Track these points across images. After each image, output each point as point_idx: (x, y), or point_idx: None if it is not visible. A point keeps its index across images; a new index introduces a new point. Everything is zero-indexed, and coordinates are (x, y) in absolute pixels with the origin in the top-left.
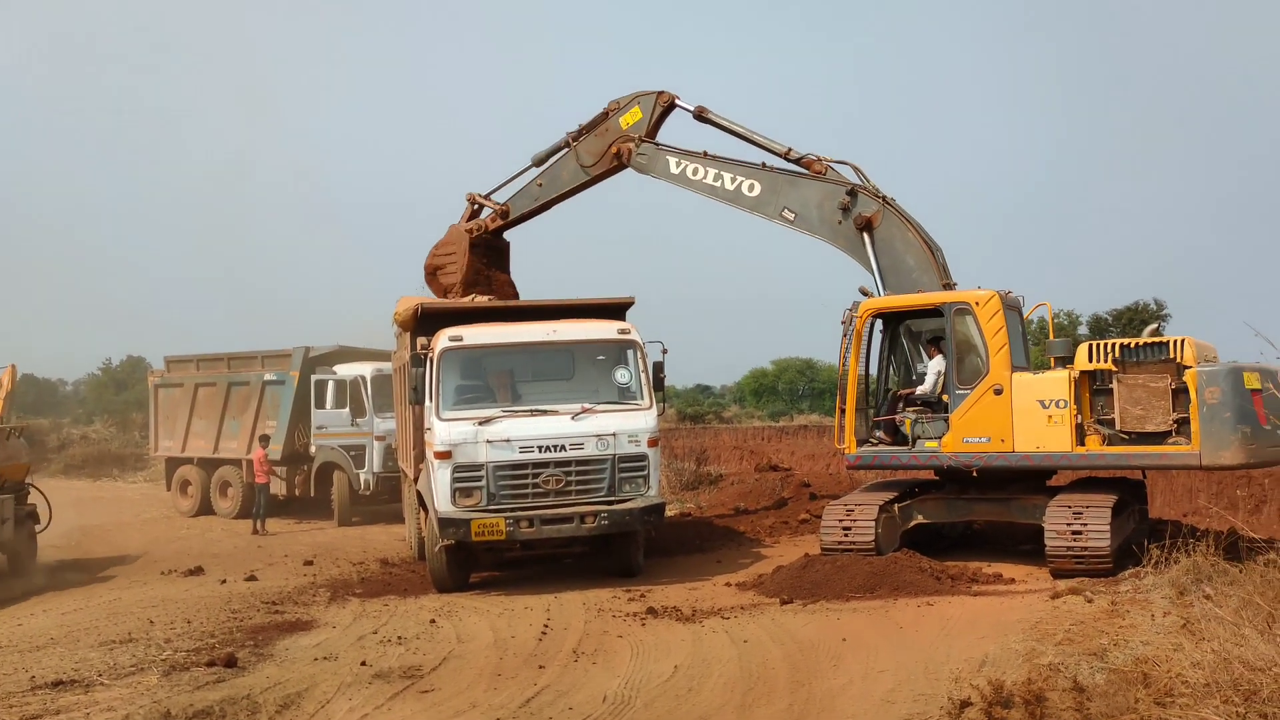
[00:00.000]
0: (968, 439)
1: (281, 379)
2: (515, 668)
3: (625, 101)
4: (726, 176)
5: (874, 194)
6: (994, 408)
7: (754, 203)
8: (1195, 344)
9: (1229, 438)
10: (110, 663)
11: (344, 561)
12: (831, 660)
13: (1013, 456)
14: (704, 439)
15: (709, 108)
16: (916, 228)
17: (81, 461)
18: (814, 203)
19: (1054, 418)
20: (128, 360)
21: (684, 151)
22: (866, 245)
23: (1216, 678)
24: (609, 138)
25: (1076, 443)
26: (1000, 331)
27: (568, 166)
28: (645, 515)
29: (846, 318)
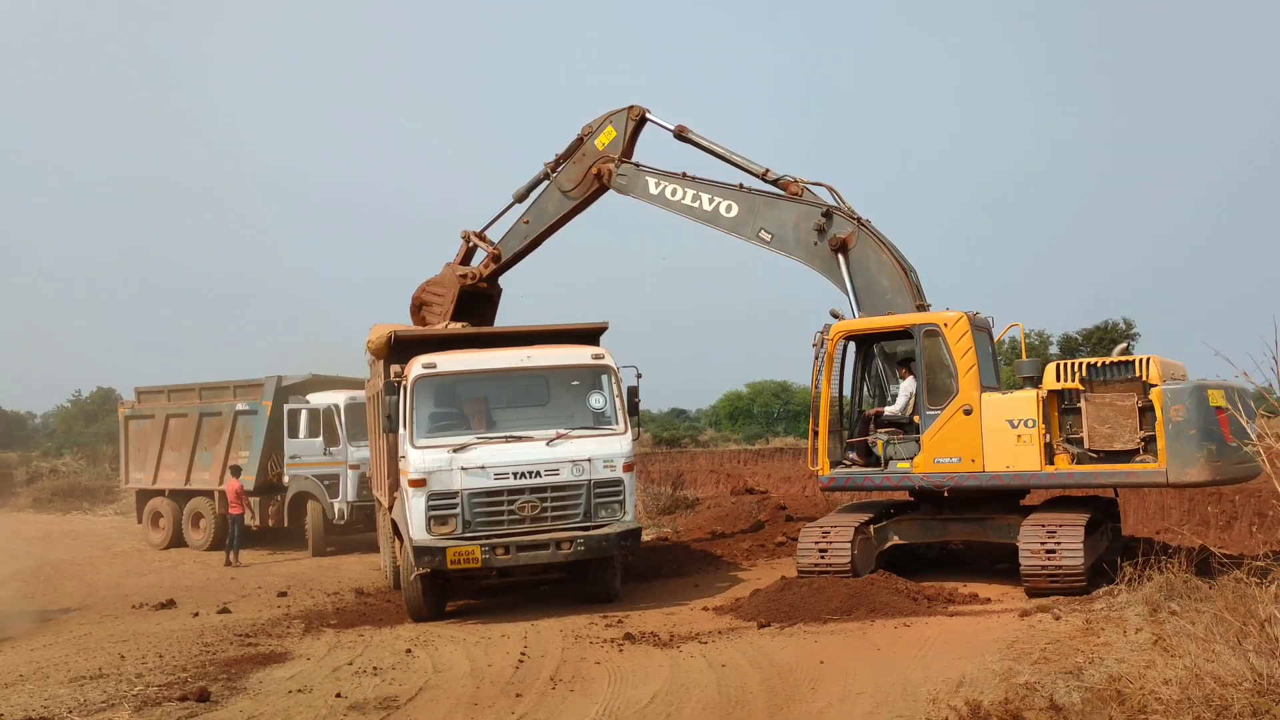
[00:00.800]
0: (939, 459)
1: (254, 409)
2: (492, 697)
3: (598, 122)
4: (705, 197)
5: (849, 215)
6: (964, 428)
7: (731, 224)
8: (1161, 362)
9: (1194, 455)
10: (81, 699)
11: (318, 592)
12: (810, 683)
13: (983, 476)
14: (680, 463)
15: (689, 127)
16: (891, 249)
17: (51, 495)
18: (790, 224)
19: (1023, 437)
20: (97, 392)
21: (662, 173)
22: (841, 266)
23: (1189, 694)
24: (587, 161)
25: (1045, 462)
26: (969, 352)
27: (551, 198)
28: (622, 540)
29: (818, 340)
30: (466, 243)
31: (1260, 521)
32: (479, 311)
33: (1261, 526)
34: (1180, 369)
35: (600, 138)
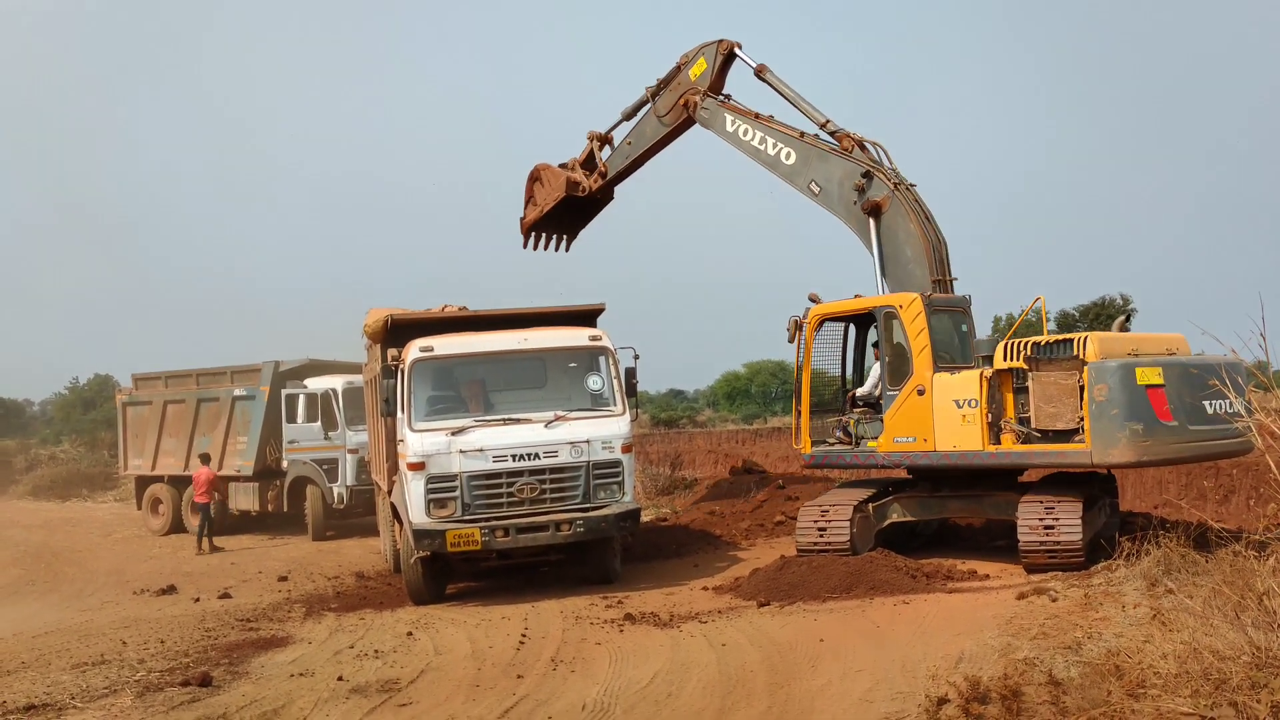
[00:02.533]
0: (898, 439)
1: (251, 394)
2: (494, 678)
3: (693, 53)
4: (770, 141)
5: (887, 179)
6: (918, 408)
7: (788, 171)
8: (1103, 339)
9: (1116, 435)
10: (83, 685)
11: (319, 576)
12: (809, 661)
13: (934, 456)
14: (678, 443)
15: (770, 67)
16: (922, 219)
17: (50, 482)
18: (836, 179)
19: (967, 417)
20: (95, 379)
21: (739, 111)
22: (871, 231)
23: (1187, 668)
24: (679, 90)
25: (990, 441)
26: (922, 333)
27: (649, 122)
28: (621, 521)
29: (791, 325)
30: (590, 144)
31: (1257, 495)
32: (585, 212)
33: (1259, 500)
34: (1176, 343)
35: (693, 68)
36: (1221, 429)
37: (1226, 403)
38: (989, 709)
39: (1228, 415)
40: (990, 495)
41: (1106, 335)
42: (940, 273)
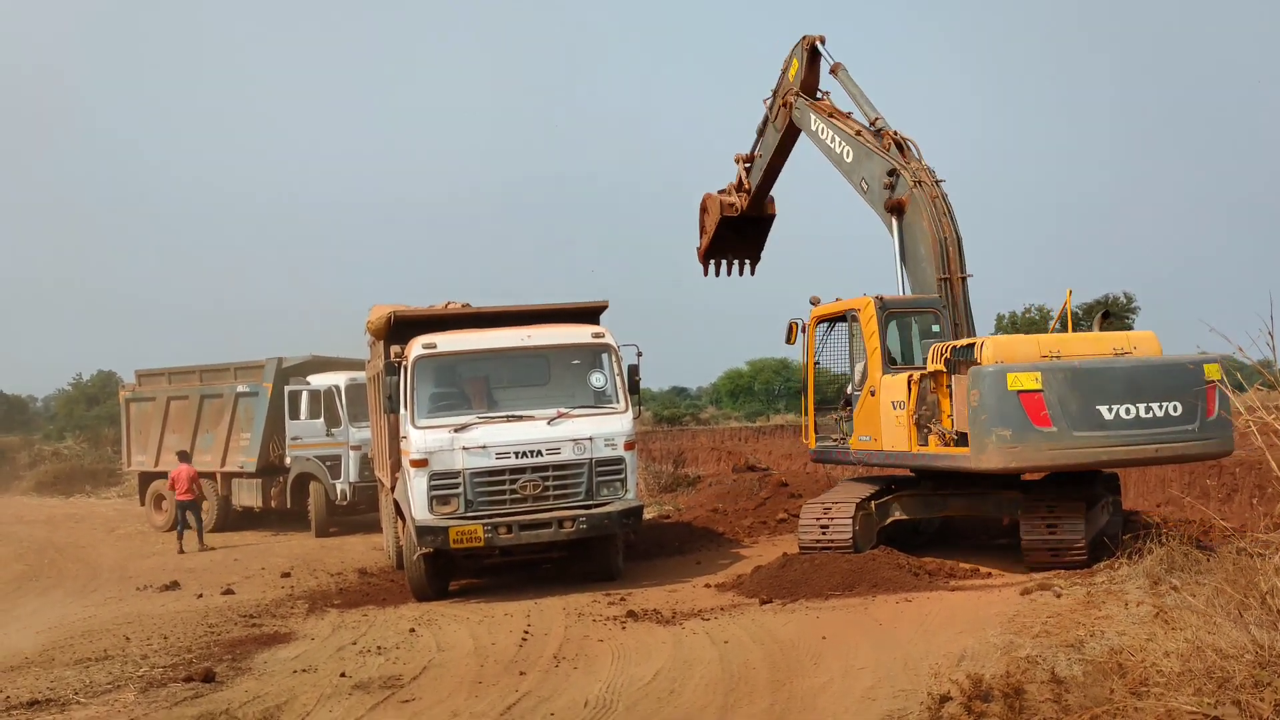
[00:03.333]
0: (860, 437)
1: (255, 390)
2: (496, 675)
3: (789, 55)
4: (838, 139)
5: (911, 176)
6: (871, 409)
7: (846, 169)
8: (999, 342)
9: (985, 440)
10: (86, 681)
11: (322, 572)
12: (812, 659)
13: (880, 455)
14: (681, 441)
15: (845, 66)
16: (937, 216)
17: (53, 479)
18: (875, 177)
19: (899, 418)
20: (98, 375)
21: (819, 108)
22: (894, 229)
23: (1190, 666)
24: (782, 93)
25: (919, 442)
26: (874, 336)
27: (769, 130)
28: (623, 519)
29: (789, 326)
30: (739, 166)
31: (1260, 494)
32: (756, 232)
33: (1262, 499)
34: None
35: (790, 70)
36: (1129, 434)
37: (1144, 407)
38: (991, 707)
39: (1145, 419)
40: (993, 494)
41: (1008, 339)
42: (948, 270)
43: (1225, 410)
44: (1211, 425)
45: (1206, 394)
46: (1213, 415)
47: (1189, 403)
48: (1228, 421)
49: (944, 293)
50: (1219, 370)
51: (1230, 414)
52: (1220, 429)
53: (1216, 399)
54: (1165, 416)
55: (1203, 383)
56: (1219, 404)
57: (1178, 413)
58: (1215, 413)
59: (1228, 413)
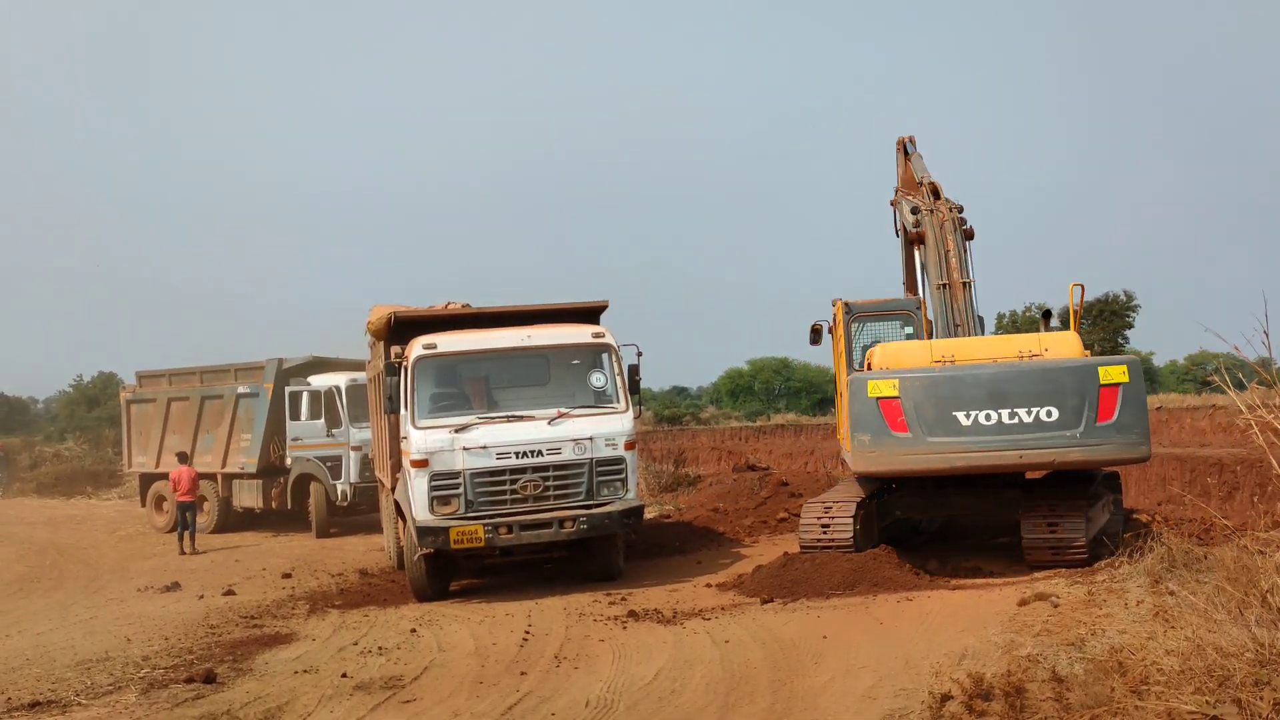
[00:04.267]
0: (842, 437)
1: (255, 391)
2: (497, 675)
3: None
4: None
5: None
6: (841, 411)
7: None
8: (887, 349)
9: (852, 445)
10: (87, 682)
11: (323, 573)
12: (813, 658)
13: (846, 455)
14: (681, 440)
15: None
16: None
17: (54, 480)
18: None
19: (842, 420)
20: (99, 376)
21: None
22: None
23: (1190, 665)
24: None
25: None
26: (839, 340)
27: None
28: (624, 518)
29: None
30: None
31: (1260, 493)
32: None
33: (1263, 497)
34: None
35: (899, 170)
36: (988, 440)
37: (1008, 412)
38: (992, 705)
39: (1009, 425)
40: (994, 492)
41: (900, 345)
42: (946, 277)
43: (1131, 414)
44: (1105, 429)
45: (1101, 397)
46: (1108, 419)
47: (1070, 407)
48: (1131, 425)
49: (944, 298)
50: (1125, 372)
51: (1142, 417)
52: (1119, 433)
53: (1119, 402)
54: (1035, 422)
55: (1096, 386)
56: (1123, 408)
57: (1052, 418)
58: (1114, 416)
59: (1134, 416)
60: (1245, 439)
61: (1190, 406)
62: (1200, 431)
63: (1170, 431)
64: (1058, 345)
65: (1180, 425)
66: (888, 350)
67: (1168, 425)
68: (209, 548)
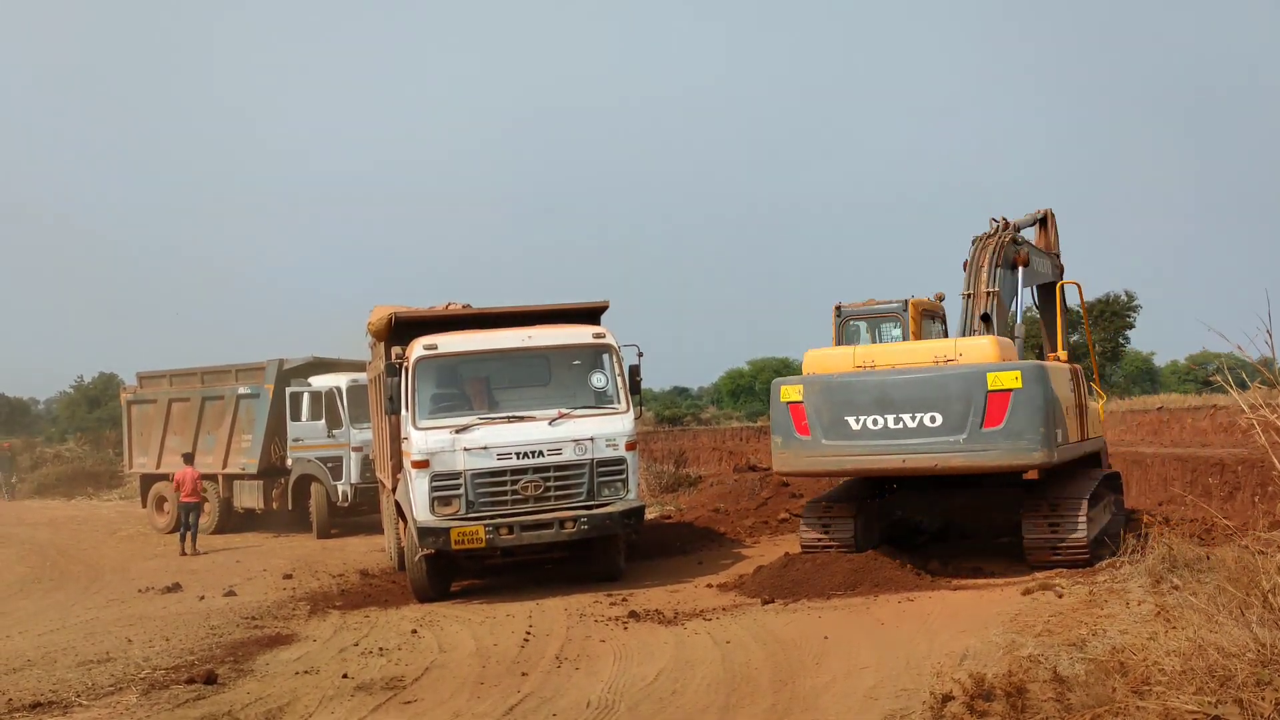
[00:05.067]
0: None
1: (256, 392)
2: (498, 675)
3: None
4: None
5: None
6: None
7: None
8: (813, 356)
9: (772, 446)
10: (88, 683)
11: (323, 574)
12: (814, 658)
13: None
14: (682, 441)
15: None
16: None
17: (55, 480)
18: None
19: None
20: (100, 377)
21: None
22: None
23: (1192, 665)
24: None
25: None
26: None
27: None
28: (625, 519)
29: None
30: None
31: (1262, 493)
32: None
33: (1264, 497)
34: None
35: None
36: (874, 444)
37: (892, 418)
38: (994, 706)
39: (894, 430)
40: (995, 492)
41: (826, 351)
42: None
43: (1022, 419)
44: (992, 435)
45: (989, 403)
46: (996, 425)
47: (955, 412)
48: (1022, 431)
49: (966, 307)
50: (1017, 378)
51: (1035, 422)
52: (1007, 438)
53: (1009, 408)
54: (919, 427)
55: (984, 391)
56: (1012, 413)
57: (936, 423)
58: (1002, 422)
59: (1026, 422)
60: (1247, 439)
61: (1191, 406)
62: (1201, 431)
63: (1171, 431)
64: (972, 351)
65: (1181, 425)
66: (815, 355)
67: (1169, 425)
68: (210, 548)
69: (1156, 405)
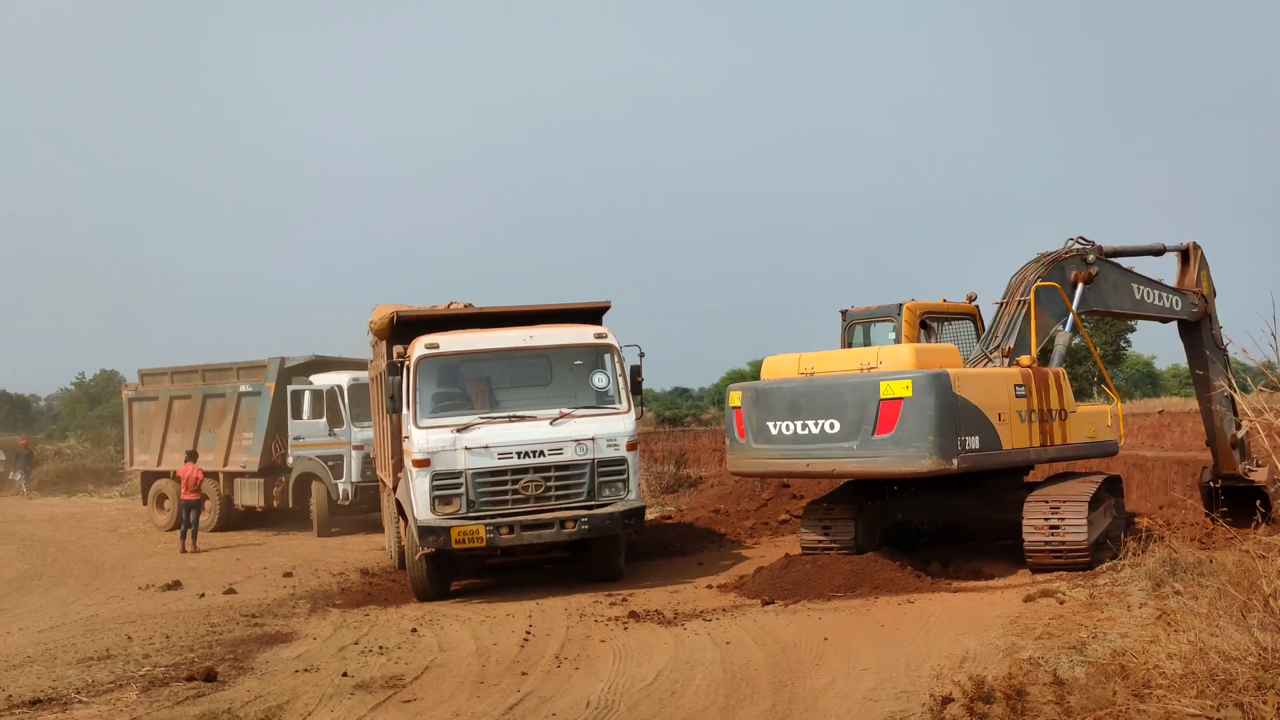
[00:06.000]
0: None
1: (257, 390)
2: (498, 675)
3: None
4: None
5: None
6: None
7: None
8: (768, 362)
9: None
10: (88, 680)
11: (324, 572)
12: (814, 660)
13: None
14: (683, 441)
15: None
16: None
17: (56, 478)
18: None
19: None
20: (101, 374)
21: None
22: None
23: (1193, 668)
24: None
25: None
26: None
27: None
28: (625, 519)
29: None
30: None
31: None
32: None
33: None
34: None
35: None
36: (787, 449)
37: (800, 424)
38: (993, 708)
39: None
40: (995, 494)
41: (779, 358)
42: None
43: (912, 427)
44: (882, 442)
45: (881, 411)
46: (887, 433)
47: (850, 420)
48: (910, 439)
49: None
50: (908, 387)
51: (924, 430)
52: (896, 446)
53: (899, 416)
54: (821, 434)
55: (876, 400)
56: (903, 421)
57: (834, 430)
58: (893, 430)
59: (915, 430)
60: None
61: (1193, 410)
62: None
63: (1172, 435)
64: (891, 358)
65: (1182, 429)
66: (770, 362)
67: (1170, 428)
68: (210, 546)
69: (1158, 409)
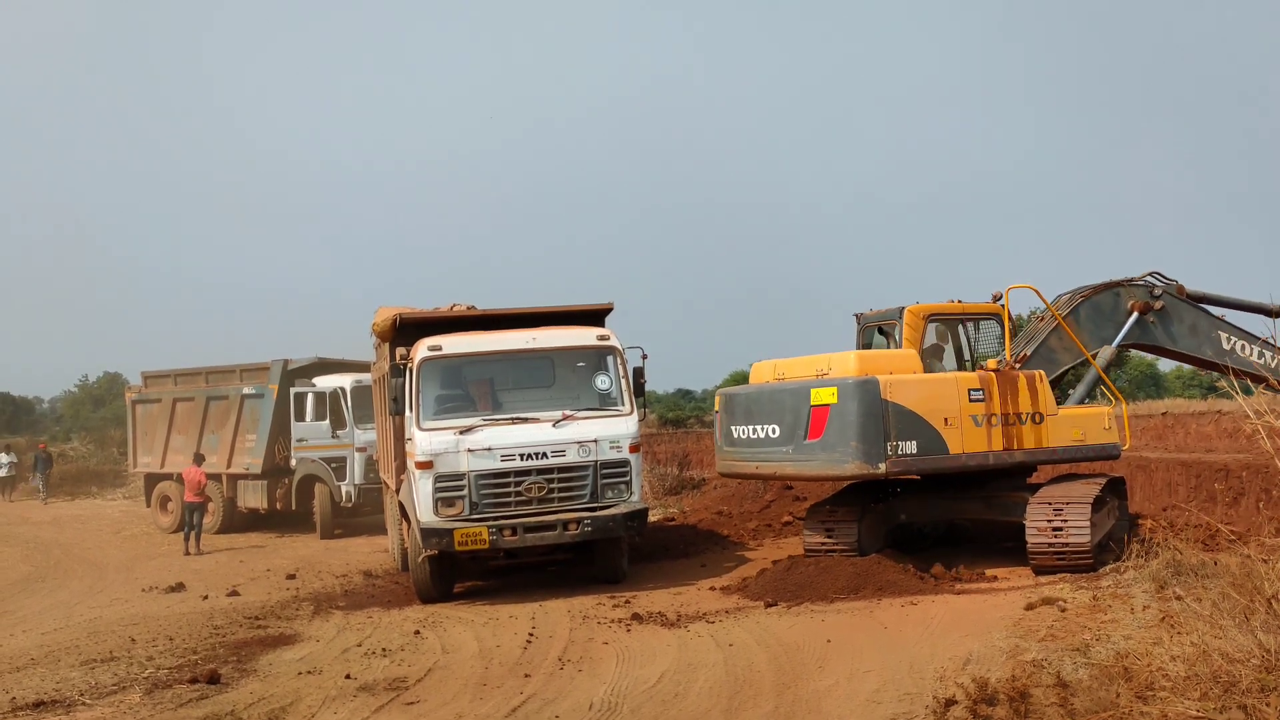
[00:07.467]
0: None
1: (260, 392)
2: (501, 677)
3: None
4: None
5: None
6: None
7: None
8: (757, 367)
9: None
10: (92, 682)
11: (327, 574)
12: (817, 662)
13: None
14: (686, 443)
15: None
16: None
17: (59, 480)
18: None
19: None
20: (105, 376)
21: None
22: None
23: (1196, 670)
24: None
25: None
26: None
27: None
28: (628, 521)
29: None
30: None
31: (1266, 498)
32: None
33: (1268, 503)
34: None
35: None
36: (743, 451)
37: (752, 429)
38: (997, 710)
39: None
40: (999, 496)
41: (762, 364)
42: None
43: (837, 433)
44: (812, 447)
45: (811, 417)
46: (817, 438)
47: (787, 425)
48: (836, 443)
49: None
50: (834, 394)
51: (847, 436)
52: (824, 450)
53: (827, 422)
54: (765, 438)
55: (807, 406)
56: (830, 427)
57: (775, 435)
58: (821, 435)
59: (840, 435)
60: (1252, 444)
61: (1196, 411)
62: (1206, 437)
63: (1176, 436)
64: (839, 365)
65: (1186, 430)
66: (755, 367)
67: (1173, 430)
68: (213, 548)
69: (1161, 410)
